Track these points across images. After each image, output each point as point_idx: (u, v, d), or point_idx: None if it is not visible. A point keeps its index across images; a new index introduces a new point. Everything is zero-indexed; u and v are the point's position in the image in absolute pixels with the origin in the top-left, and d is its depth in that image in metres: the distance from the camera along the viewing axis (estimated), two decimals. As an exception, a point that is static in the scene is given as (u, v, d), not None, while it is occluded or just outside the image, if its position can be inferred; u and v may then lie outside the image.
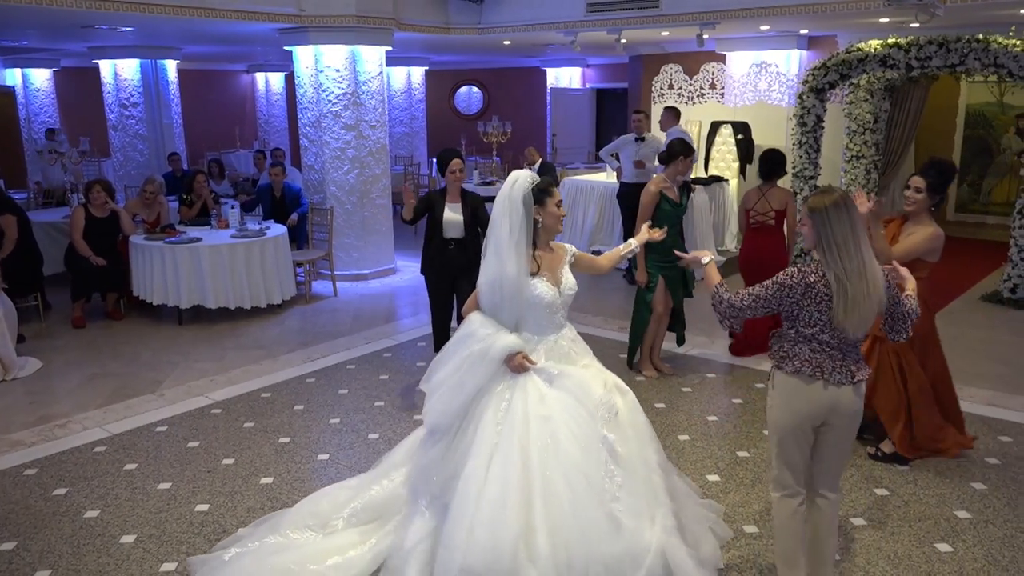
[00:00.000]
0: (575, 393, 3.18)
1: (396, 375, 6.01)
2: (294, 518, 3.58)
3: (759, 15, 8.15)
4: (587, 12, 9.02)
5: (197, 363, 6.31)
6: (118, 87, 11.29)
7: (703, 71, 10.80)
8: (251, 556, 3.37)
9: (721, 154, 10.25)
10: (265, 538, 3.48)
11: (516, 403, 3.17)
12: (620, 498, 3.02)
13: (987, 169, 11.15)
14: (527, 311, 3.30)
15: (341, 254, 8.98)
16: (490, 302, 3.29)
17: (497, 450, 3.09)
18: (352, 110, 8.73)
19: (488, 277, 3.25)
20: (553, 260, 3.38)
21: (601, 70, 17.60)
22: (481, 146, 15.38)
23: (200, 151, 16.14)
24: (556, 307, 3.33)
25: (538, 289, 3.26)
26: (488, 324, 3.27)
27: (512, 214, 3.19)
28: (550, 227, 3.34)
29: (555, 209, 3.32)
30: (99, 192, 7.37)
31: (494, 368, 3.22)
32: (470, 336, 3.26)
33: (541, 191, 3.28)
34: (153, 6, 7.26)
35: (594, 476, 3.03)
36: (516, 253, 3.19)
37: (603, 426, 3.11)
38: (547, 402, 3.16)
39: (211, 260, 7.19)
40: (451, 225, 5.21)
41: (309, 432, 5.00)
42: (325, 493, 3.77)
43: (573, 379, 3.22)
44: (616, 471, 3.07)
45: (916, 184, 4.18)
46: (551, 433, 3.09)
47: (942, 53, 7.72)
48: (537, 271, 3.29)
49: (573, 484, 3.01)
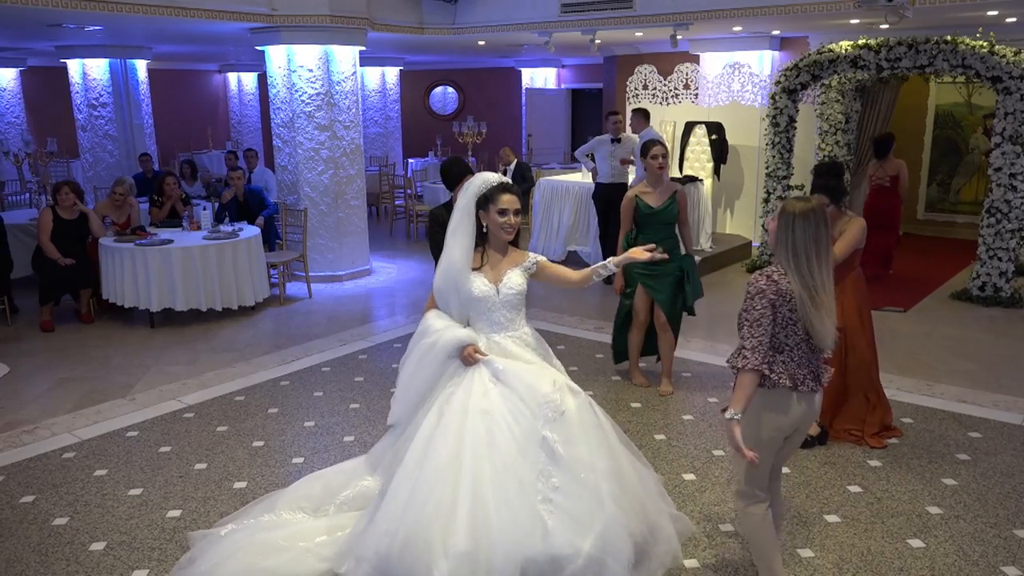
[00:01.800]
0: (519, 390, 3.17)
1: (372, 377, 5.97)
2: (289, 498, 3.72)
3: (732, 16, 8.21)
4: (561, 13, 9.04)
5: (169, 367, 6.23)
6: (87, 87, 11.11)
7: (677, 71, 10.86)
8: (244, 532, 3.53)
9: (695, 154, 10.32)
10: (261, 516, 3.64)
11: (458, 396, 3.21)
12: (553, 500, 2.96)
13: (956, 169, 11.33)
14: (469, 306, 3.38)
15: (315, 255, 8.91)
16: (440, 293, 3.42)
17: (432, 442, 3.14)
18: (326, 110, 8.67)
19: (441, 265, 3.41)
20: (503, 262, 3.41)
21: (576, 70, 17.64)
22: (456, 147, 15.35)
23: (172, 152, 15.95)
24: (492, 304, 3.35)
25: (473, 284, 3.34)
26: (440, 319, 3.40)
27: (461, 207, 3.38)
28: (495, 233, 3.38)
29: (497, 217, 3.33)
30: (67, 194, 7.24)
31: (442, 360, 3.32)
32: (424, 331, 3.40)
33: (485, 198, 3.34)
34: (121, 5, 7.14)
35: (527, 476, 3.00)
36: (460, 243, 3.34)
37: (545, 425, 3.07)
38: (490, 397, 3.17)
39: (182, 262, 7.10)
40: None
41: (283, 435, 4.95)
42: (320, 475, 3.88)
43: (519, 376, 3.21)
44: (554, 472, 3.01)
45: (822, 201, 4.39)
46: (487, 428, 3.09)
47: (911, 54, 7.83)
48: (479, 267, 3.38)
49: (503, 481, 2.99)
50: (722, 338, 6.82)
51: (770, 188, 9.09)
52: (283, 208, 8.71)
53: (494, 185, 3.37)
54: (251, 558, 3.36)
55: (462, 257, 3.35)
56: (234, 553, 3.37)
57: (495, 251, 3.44)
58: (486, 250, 3.43)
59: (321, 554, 3.37)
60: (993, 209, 7.76)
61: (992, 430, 4.93)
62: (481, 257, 3.42)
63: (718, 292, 8.30)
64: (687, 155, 10.36)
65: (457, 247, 3.36)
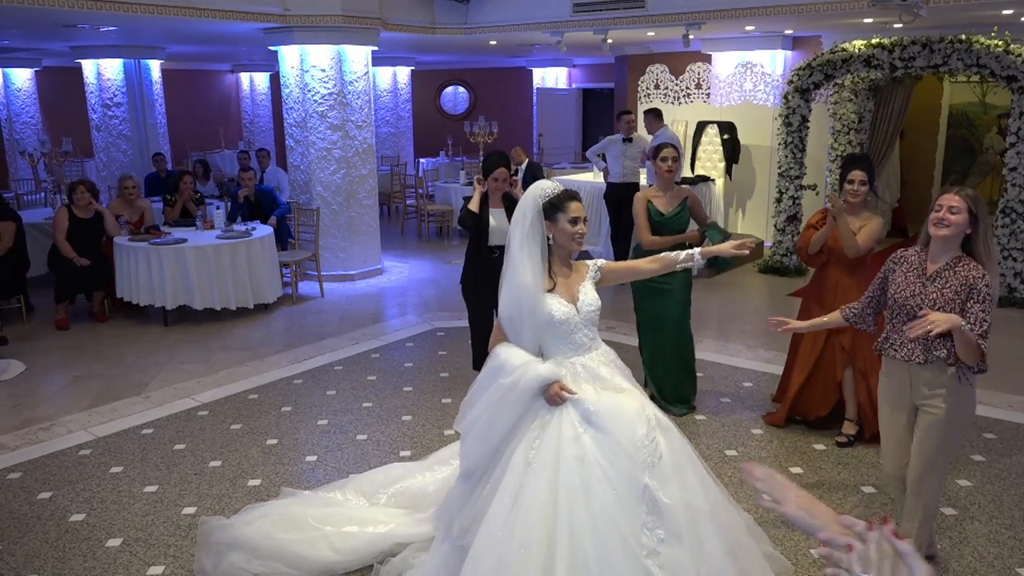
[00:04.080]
0: (614, 433, 2.83)
1: (384, 376, 5.99)
2: (358, 481, 3.91)
3: (744, 15, 8.19)
4: (573, 12, 9.04)
5: (183, 364, 6.27)
6: (101, 87, 11.19)
7: (689, 71, 10.84)
8: (294, 500, 3.77)
9: (707, 154, 10.30)
10: (327, 492, 3.81)
11: (547, 442, 2.88)
12: (661, 553, 2.68)
13: (970, 168, 11.25)
14: (545, 331, 3.04)
15: (327, 255, 8.94)
16: (510, 322, 3.08)
17: (522, 494, 2.82)
18: (338, 110, 8.70)
19: (506, 291, 3.07)
20: (572, 278, 3.13)
21: (587, 70, 17.63)
22: (467, 146, 15.36)
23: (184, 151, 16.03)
24: (574, 325, 3.03)
25: (551, 306, 3.00)
26: (516, 354, 3.02)
27: (523, 224, 3.04)
28: (563, 244, 3.08)
29: (567, 226, 3.04)
30: (83, 192, 7.30)
31: (525, 402, 2.96)
32: (499, 369, 3.02)
33: (552, 206, 3.04)
34: (136, 5, 7.19)
35: (629, 529, 2.72)
36: (530, 263, 3.00)
37: (645, 472, 2.77)
38: (582, 442, 2.84)
39: (196, 261, 7.14)
40: (497, 232, 4.91)
41: (297, 433, 4.98)
42: (385, 467, 4.07)
43: (613, 416, 2.87)
44: (659, 524, 2.73)
45: (860, 178, 4.45)
46: (583, 479, 2.78)
47: (925, 53, 7.79)
48: (552, 288, 3.05)
49: (604, 536, 2.70)
50: (733, 338, 6.80)
51: (783, 188, 9.06)
52: (295, 207, 8.75)
53: (560, 192, 3.08)
54: (271, 526, 3.48)
55: (534, 279, 2.99)
56: (262, 517, 3.53)
57: (561, 265, 3.13)
58: (551, 267, 3.09)
59: (336, 545, 3.40)
60: (1008, 209, 7.71)
61: (1007, 431, 4.91)
62: (549, 276, 3.07)
63: (729, 292, 8.28)
64: (699, 155, 10.35)
65: (528, 268, 3.00)
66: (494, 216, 5.01)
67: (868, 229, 4.46)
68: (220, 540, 3.47)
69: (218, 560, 3.40)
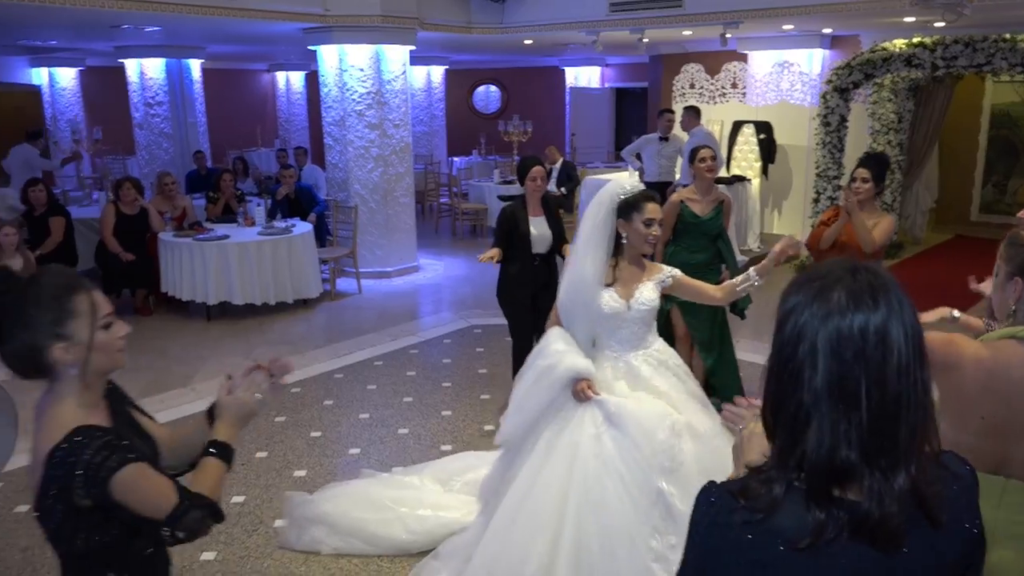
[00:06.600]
0: (634, 435, 2.86)
1: (423, 372, 6.07)
2: (437, 466, 4.10)
3: (783, 15, 8.14)
4: (610, 12, 9.04)
5: (226, 358, 6.39)
6: (143, 86, 11.42)
7: (724, 70, 10.80)
8: (375, 480, 3.98)
9: (743, 154, 10.26)
10: (406, 475, 3.98)
11: (569, 435, 2.96)
12: (670, 559, 2.67)
13: (1012, 169, 11.08)
14: (597, 323, 3.10)
15: (365, 252, 9.05)
16: (566, 310, 3.14)
17: (538, 480, 2.93)
18: (376, 109, 8.80)
19: (567, 280, 3.14)
20: (636, 275, 3.13)
21: (620, 69, 17.60)
22: (499, 145, 15.40)
23: (222, 149, 16.27)
24: (621, 321, 3.06)
25: (603, 300, 3.04)
26: (562, 340, 3.09)
27: (594, 218, 3.07)
28: (635, 244, 3.09)
29: (641, 227, 3.04)
30: (129, 189, 7.49)
31: (557, 389, 3.02)
32: (543, 351, 3.12)
33: (629, 205, 3.05)
34: (182, 6, 7.34)
35: (638, 531, 2.74)
36: (593, 256, 3.05)
37: (660, 477, 2.78)
38: (601, 440, 2.89)
39: (239, 257, 7.28)
40: (539, 240, 4.90)
41: (340, 427, 5.07)
42: (460, 455, 4.30)
43: (635, 418, 2.90)
44: (671, 530, 2.73)
45: (862, 175, 4.54)
46: (597, 476, 2.83)
47: (968, 53, 7.69)
48: (611, 282, 3.09)
49: (611, 534, 2.76)
50: (769, 339, 6.76)
51: (820, 188, 8.99)
52: (334, 205, 8.87)
53: (639, 192, 3.08)
54: (349, 504, 3.67)
55: (595, 272, 3.04)
56: (343, 495, 3.74)
57: (629, 264, 3.14)
58: (618, 263, 3.12)
59: (410, 526, 3.55)
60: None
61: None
62: (613, 271, 3.11)
63: (765, 291, 8.17)
64: (735, 154, 10.31)
65: (590, 261, 3.05)
66: (535, 225, 4.90)
67: (882, 227, 4.50)
68: (303, 515, 3.69)
69: (300, 533, 3.65)
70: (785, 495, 1.18)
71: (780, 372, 1.23)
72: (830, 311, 1.17)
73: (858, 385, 1.14)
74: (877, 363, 1.14)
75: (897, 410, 1.15)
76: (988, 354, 1.93)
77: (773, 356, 1.26)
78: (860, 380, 1.14)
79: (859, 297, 1.16)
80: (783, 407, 1.21)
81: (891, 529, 1.14)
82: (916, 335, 1.17)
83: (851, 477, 1.16)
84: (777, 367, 1.24)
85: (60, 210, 7.43)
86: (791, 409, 1.19)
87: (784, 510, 1.17)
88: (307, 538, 3.63)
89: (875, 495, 1.15)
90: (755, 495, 1.20)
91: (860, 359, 1.14)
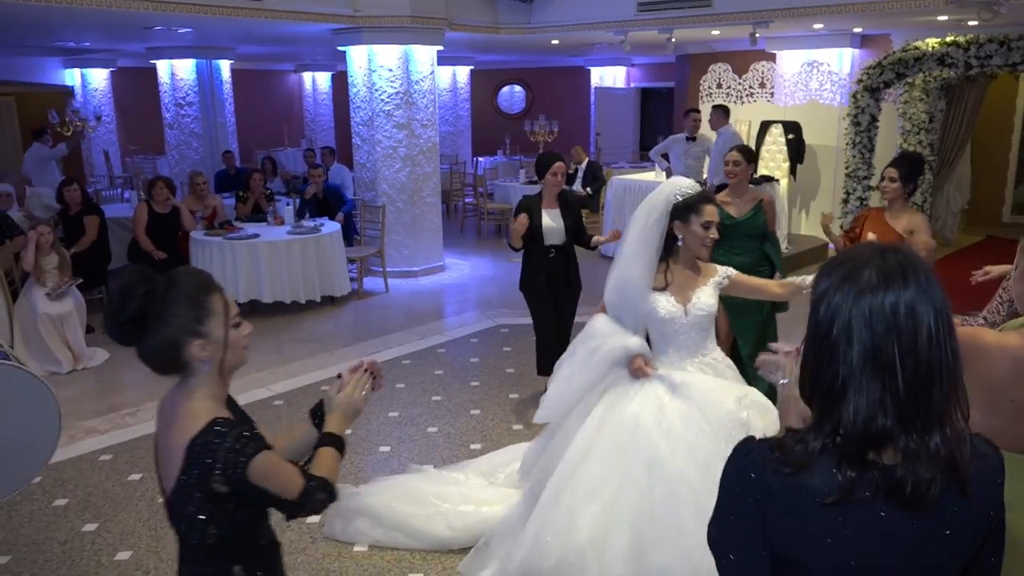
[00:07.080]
0: (700, 404, 2.86)
1: (451, 371, 6.10)
2: (480, 461, 4.13)
3: (813, 14, 8.08)
4: (638, 11, 9.02)
5: (256, 355, 6.45)
6: (174, 86, 11.57)
7: (752, 70, 10.72)
8: (419, 475, 4.03)
9: (771, 154, 10.18)
10: (451, 473, 4.00)
11: (623, 410, 2.96)
12: None
13: (1045, 170, 10.92)
14: (649, 324, 3.07)
15: (392, 251, 9.10)
16: (613, 306, 3.15)
17: (591, 455, 2.94)
18: (404, 109, 8.85)
19: (613, 279, 3.13)
20: (692, 279, 3.08)
21: (645, 69, 17.54)
22: (524, 145, 15.43)
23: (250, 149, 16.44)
24: (679, 327, 3.01)
25: (657, 304, 3.00)
26: (610, 324, 3.11)
27: (646, 218, 3.02)
28: (691, 247, 3.03)
29: (699, 230, 2.98)
30: (161, 188, 7.60)
31: (605, 367, 3.04)
32: (589, 334, 3.15)
33: (687, 207, 2.98)
34: (213, 7, 7.43)
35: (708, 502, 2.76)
36: (641, 258, 3.00)
37: (728, 446, 2.80)
38: (666, 412, 2.88)
39: (268, 255, 7.36)
40: (551, 232, 5.04)
41: (369, 425, 5.10)
42: (504, 449, 4.32)
43: (699, 388, 2.90)
44: None
45: (890, 175, 4.52)
46: (658, 448, 2.82)
47: (1003, 52, 7.57)
48: (664, 287, 3.04)
49: (678, 505, 2.73)
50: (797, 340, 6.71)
51: (850, 188, 8.90)
52: (361, 204, 8.93)
53: (697, 194, 3.01)
54: (393, 499, 3.72)
55: (642, 275, 3.00)
56: (388, 489, 3.80)
57: (684, 267, 3.07)
58: (671, 266, 3.06)
59: (451, 523, 3.58)
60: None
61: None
62: (664, 275, 3.05)
63: (794, 293, 8.17)
64: (762, 154, 10.22)
65: (637, 263, 3.00)
66: (549, 215, 5.04)
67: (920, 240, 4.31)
68: (348, 507, 3.75)
69: (346, 525, 3.72)
70: (820, 453, 1.24)
71: (817, 349, 1.28)
72: (862, 290, 1.23)
73: (892, 357, 1.20)
74: (909, 335, 1.20)
75: (931, 375, 1.21)
76: (1016, 342, 1.98)
77: (809, 335, 1.31)
78: (894, 352, 1.20)
79: (890, 276, 1.22)
80: (820, 381, 1.27)
81: (923, 492, 1.19)
82: (944, 309, 1.23)
83: (886, 442, 1.22)
84: (814, 344, 1.29)
85: (95, 209, 7.55)
86: (828, 382, 1.25)
87: (816, 467, 1.24)
88: (351, 530, 3.71)
89: (911, 455, 1.20)
90: (789, 450, 1.26)
91: (892, 332, 1.20)
